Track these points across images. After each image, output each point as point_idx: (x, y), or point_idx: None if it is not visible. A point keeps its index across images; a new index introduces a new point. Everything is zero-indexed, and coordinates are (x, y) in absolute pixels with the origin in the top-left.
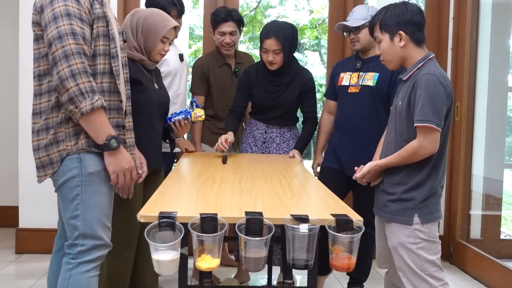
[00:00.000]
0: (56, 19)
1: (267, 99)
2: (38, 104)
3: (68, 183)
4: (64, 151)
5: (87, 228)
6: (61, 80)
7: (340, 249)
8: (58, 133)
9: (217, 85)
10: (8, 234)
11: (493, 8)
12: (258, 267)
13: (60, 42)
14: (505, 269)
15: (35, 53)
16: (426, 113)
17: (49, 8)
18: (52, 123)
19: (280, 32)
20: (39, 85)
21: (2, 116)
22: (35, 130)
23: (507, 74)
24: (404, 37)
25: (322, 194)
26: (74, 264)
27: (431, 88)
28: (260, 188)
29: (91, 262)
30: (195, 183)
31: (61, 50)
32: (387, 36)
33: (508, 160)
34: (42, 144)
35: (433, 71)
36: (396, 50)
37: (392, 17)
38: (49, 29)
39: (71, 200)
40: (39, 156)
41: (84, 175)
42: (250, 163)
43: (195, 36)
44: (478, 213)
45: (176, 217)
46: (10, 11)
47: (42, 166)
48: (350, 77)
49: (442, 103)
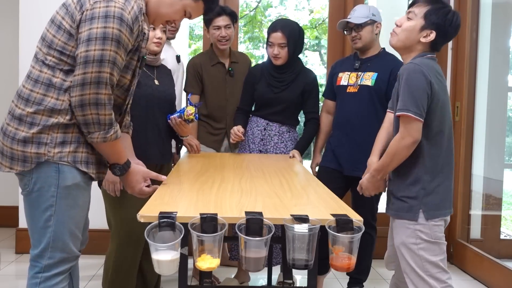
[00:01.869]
0: (105, 40)
1: (269, 93)
2: (29, 90)
3: (43, 191)
4: (43, 155)
5: (57, 240)
6: (83, 103)
7: (340, 249)
8: (43, 134)
9: (210, 84)
10: (8, 234)
11: (493, 8)
12: (258, 267)
13: (98, 66)
14: (505, 269)
15: (48, 37)
16: (404, 102)
17: (101, 22)
18: (39, 120)
19: (287, 27)
20: (40, 72)
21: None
22: (16, 114)
23: (507, 74)
24: (431, 37)
25: (322, 194)
26: (41, 279)
27: (410, 77)
28: (260, 188)
29: (59, 275)
30: (195, 183)
31: (95, 75)
32: (422, 23)
33: (508, 160)
34: (19, 135)
35: (417, 61)
36: (415, 38)
37: (440, 16)
38: (92, 45)
39: (44, 210)
40: (12, 146)
41: (61, 187)
42: (250, 163)
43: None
44: (478, 213)
45: (176, 217)
46: (10, 11)
47: (11, 157)
48: (348, 77)
49: (420, 92)
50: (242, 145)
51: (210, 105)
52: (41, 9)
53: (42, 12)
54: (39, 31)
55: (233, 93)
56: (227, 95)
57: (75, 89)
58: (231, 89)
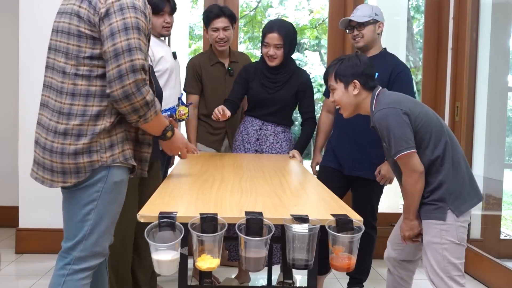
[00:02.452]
0: (127, 30)
1: (264, 94)
2: (69, 104)
3: (88, 187)
4: (97, 162)
5: (93, 235)
6: (126, 94)
7: (340, 249)
8: (93, 143)
9: (210, 84)
10: (8, 234)
11: (493, 8)
12: (258, 267)
13: (129, 55)
14: (505, 269)
15: (71, 48)
16: (394, 146)
17: (118, 16)
18: (86, 130)
19: (283, 28)
20: (74, 85)
21: (2, 116)
22: (59, 130)
23: (507, 74)
24: (358, 85)
25: (322, 194)
26: (69, 271)
27: (384, 122)
28: (260, 188)
29: (87, 270)
30: (195, 183)
31: (129, 64)
32: (342, 85)
33: (508, 160)
34: (68, 149)
35: (381, 105)
36: (350, 97)
37: (347, 68)
38: (117, 38)
39: (84, 204)
40: (63, 161)
41: (109, 183)
42: (250, 163)
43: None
44: (478, 213)
45: (176, 217)
46: (10, 11)
47: (63, 172)
48: None
49: (401, 128)
50: (237, 145)
51: (210, 105)
52: (41, 9)
53: (42, 13)
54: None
55: None
56: (227, 94)
57: (114, 83)
58: (231, 88)
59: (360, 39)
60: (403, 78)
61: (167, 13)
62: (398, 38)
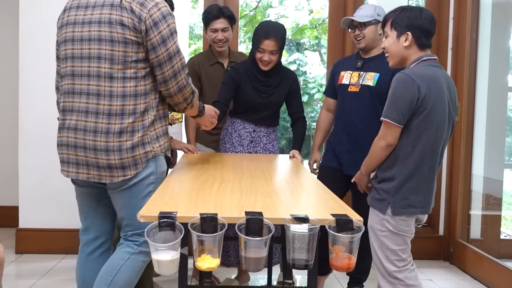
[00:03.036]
0: (172, 35)
1: (257, 99)
2: (121, 105)
3: (144, 180)
4: (151, 152)
5: None
6: (180, 88)
7: (340, 249)
8: (145, 135)
9: (209, 84)
10: (8, 234)
11: (493, 8)
12: (258, 267)
13: (178, 56)
14: (505, 269)
15: (116, 54)
16: (387, 109)
17: (164, 24)
18: (138, 126)
19: (279, 33)
20: (123, 87)
21: (2, 116)
22: (115, 130)
23: (507, 74)
24: (410, 38)
25: (322, 194)
26: (136, 250)
27: (396, 86)
28: (260, 188)
29: (148, 255)
30: (195, 183)
31: (179, 64)
32: (395, 33)
33: (508, 160)
34: (125, 145)
35: (408, 70)
36: (399, 48)
37: (405, 18)
38: (169, 43)
39: (144, 197)
40: (121, 157)
41: (159, 173)
42: (250, 163)
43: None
44: (478, 213)
45: (176, 217)
46: (10, 11)
47: (122, 167)
48: (350, 76)
49: (403, 101)
50: (228, 147)
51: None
52: (41, 9)
53: (42, 13)
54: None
55: None
56: None
57: (170, 82)
58: None
59: (362, 39)
60: None
61: None
62: None
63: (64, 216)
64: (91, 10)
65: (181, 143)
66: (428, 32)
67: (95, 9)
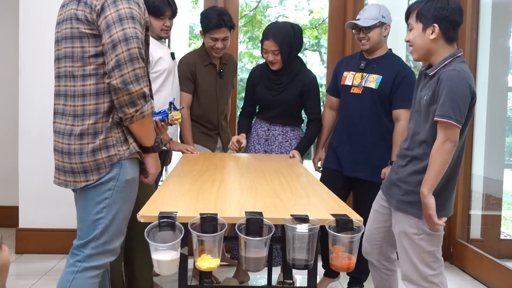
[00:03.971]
0: (121, 21)
1: (268, 96)
2: (81, 106)
3: (102, 185)
4: (115, 156)
5: (104, 232)
6: (125, 83)
7: (340, 249)
8: (108, 138)
9: (203, 84)
10: (8, 234)
11: (493, 8)
12: (258, 267)
13: (126, 44)
14: (505, 269)
15: (75, 51)
16: (446, 109)
17: (112, 8)
18: (101, 127)
19: (279, 34)
20: (83, 86)
21: (2, 116)
22: (76, 133)
23: (507, 74)
24: (437, 30)
25: (322, 194)
26: (79, 268)
27: (454, 84)
28: (260, 188)
29: (97, 269)
30: (195, 183)
31: (126, 53)
32: (421, 25)
33: (508, 160)
34: (87, 148)
35: (458, 68)
36: (426, 41)
37: (431, 9)
38: (113, 29)
39: (97, 202)
40: (82, 161)
41: (121, 180)
42: (250, 162)
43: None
44: (478, 213)
45: (176, 217)
46: (10, 11)
47: (84, 171)
48: (353, 77)
49: (464, 100)
50: (249, 146)
51: (204, 105)
52: (41, 9)
53: (42, 13)
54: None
55: (222, 94)
56: (218, 96)
57: (113, 73)
58: (221, 90)
59: (366, 42)
60: (409, 82)
61: (168, 17)
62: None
63: (64, 216)
64: (65, 9)
65: (180, 145)
66: (456, 24)
67: (66, 7)
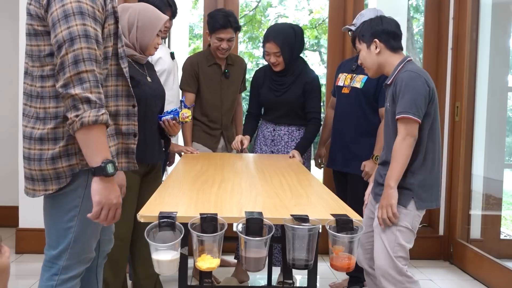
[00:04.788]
0: (67, 18)
1: (272, 97)
2: (43, 108)
3: (69, 192)
4: (77, 165)
5: (78, 241)
6: (67, 87)
7: (340, 249)
8: (69, 145)
9: (206, 84)
10: (8, 234)
11: (493, 8)
12: (258, 267)
13: (71, 45)
14: (505, 269)
15: (33, 50)
16: (403, 106)
17: (58, 3)
18: (62, 133)
19: (279, 36)
20: (42, 87)
21: (2, 116)
22: (35, 136)
23: (507, 74)
24: (378, 44)
25: (322, 194)
26: (58, 281)
27: (406, 83)
28: (260, 188)
29: (75, 278)
30: (195, 183)
31: (71, 55)
32: (365, 45)
33: (508, 160)
34: (45, 154)
35: (409, 68)
36: (373, 57)
37: (368, 28)
38: (58, 28)
39: (67, 210)
40: (41, 168)
41: (90, 187)
42: (250, 162)
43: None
44: (478, 213)
45: (176, 217)
46: (10, 11)
47: (43, 179)
48: (345, 78)
49: (418, 95)
50: (255, 147)
51: (206, 105)
52: None
53: None
54: None
55: (227, 94)
56: (222, 96)
57: (59, 76)
58: (226, 90)
59: None
60: None
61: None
62: None
63: None
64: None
65: (180, 146)
66: (394, 34)
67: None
